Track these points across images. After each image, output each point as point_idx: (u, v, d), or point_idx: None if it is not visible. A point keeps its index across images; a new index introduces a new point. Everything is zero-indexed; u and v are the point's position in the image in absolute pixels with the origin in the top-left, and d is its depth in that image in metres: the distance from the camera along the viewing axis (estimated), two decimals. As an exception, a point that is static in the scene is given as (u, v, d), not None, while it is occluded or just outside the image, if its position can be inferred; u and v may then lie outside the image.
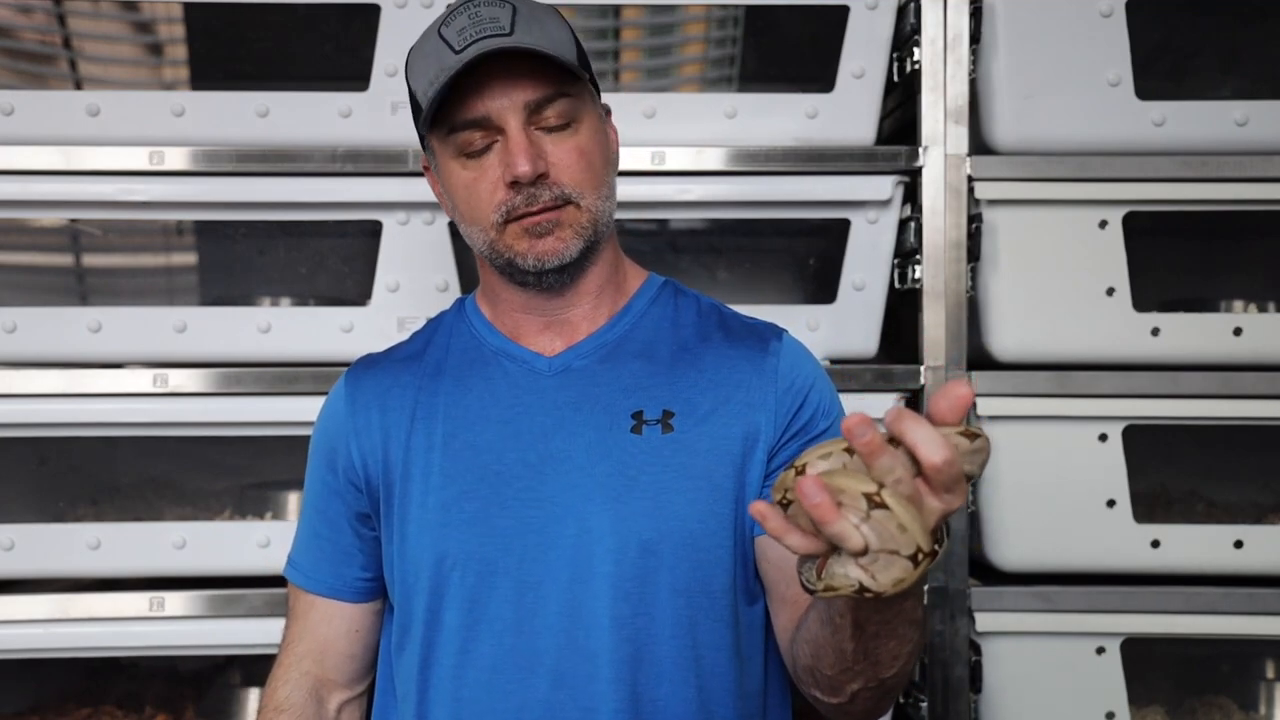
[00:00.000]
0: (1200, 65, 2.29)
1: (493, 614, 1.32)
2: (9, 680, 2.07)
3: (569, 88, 1.33)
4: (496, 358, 1.41)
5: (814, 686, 1.26)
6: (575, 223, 1.34)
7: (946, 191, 1.98)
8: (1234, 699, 2.12)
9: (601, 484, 1.31)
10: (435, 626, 1.34)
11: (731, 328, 1.44)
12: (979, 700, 1.98)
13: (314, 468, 1.48)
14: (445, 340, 1.46)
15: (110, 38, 2.24)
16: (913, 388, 1.99)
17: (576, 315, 1.41)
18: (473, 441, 1.36)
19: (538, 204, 1.32)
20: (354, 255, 2.14)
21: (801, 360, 1.42)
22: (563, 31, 1.35)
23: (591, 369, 1.39)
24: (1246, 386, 1.97)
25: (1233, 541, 1.98)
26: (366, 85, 1.99)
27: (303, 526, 1.50)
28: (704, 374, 1.38)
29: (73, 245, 2.22)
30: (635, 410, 1.35)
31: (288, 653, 1.49)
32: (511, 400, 1.38)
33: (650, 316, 1.44)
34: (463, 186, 1.35)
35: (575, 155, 1.33)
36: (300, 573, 1.49)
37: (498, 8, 1.31)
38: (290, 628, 1.50)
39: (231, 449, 2.11)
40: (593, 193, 1.34)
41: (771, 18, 2.17)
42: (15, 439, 2.00)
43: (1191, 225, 2.20)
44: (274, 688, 1.46)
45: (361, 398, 1.43)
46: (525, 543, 1.32)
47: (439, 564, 1.33)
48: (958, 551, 1.98)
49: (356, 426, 1.41)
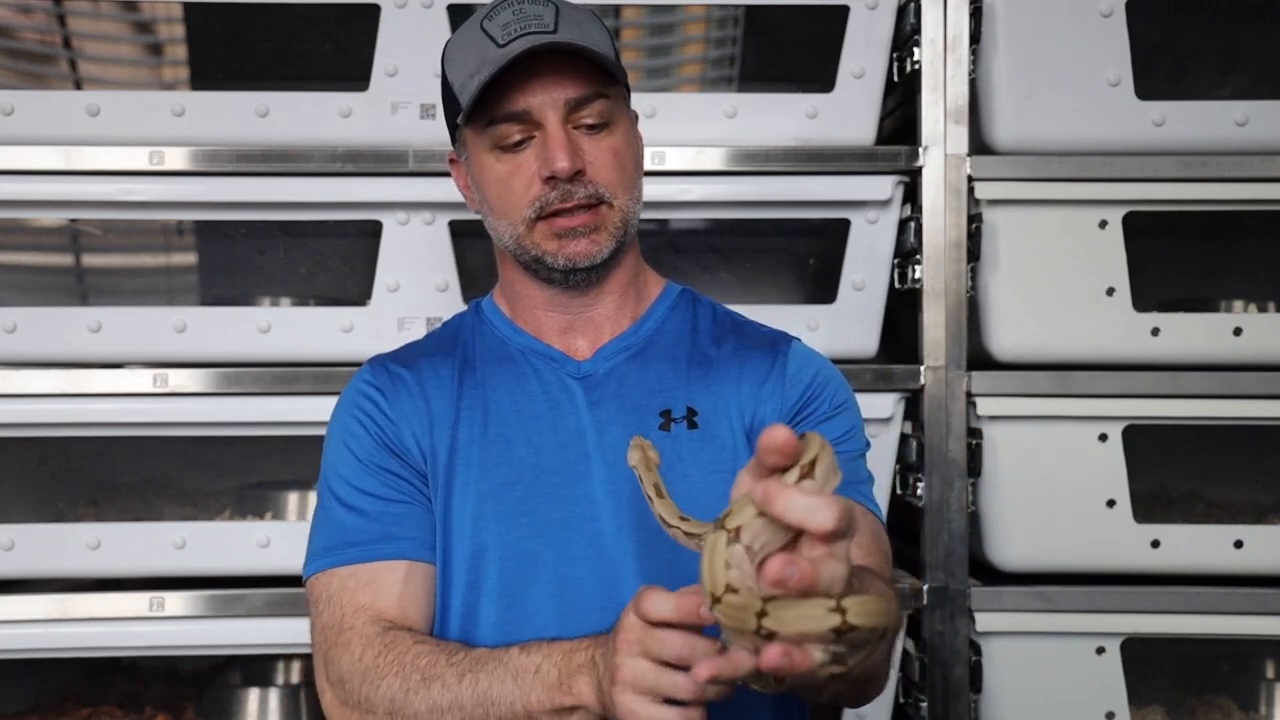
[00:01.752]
0: (1200, 65, 2.28)
1: (533, 609, 1.33)
2: (9, 680, 2.07)
3: (608, 89, 1.34)
4: (525, 356, 1.42)
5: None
6: (609, 224, 1.35)
7: (946, 191, 1.98)
8: (1234, 699, 2.11)
9: (634, 480, 1.32)
10: (472, 620, 1.35)
11: (746, 333, 1.46)
12: (979, 700, 1.98)
13: (354, 452, 1.38)
14: (470, 338, 1.46)
15: (110, 38, 2.24)
16: (913, 388, 1.99)
17: (600, 315, 1.43)
18: (507, 436, 1.37)
19: (572, 200, 1.33)
20: (354, 255, 2.14)
21: (811, 359, 1.45)
22: (602, 34, 1.36)
23: (620, 370, 1.41)
24: (1246, 386, 1.97)
25: (1233, 541, 1.98)
26: (366, 85, 1.99)
27: (341, 515, 1.37)
28: (719, 370, 1.41)
29: (73, 245, 2.22)
30: (663, 409, 1.38)
31: (355, 630, 1.30)
32: (543, 398, 1.39)
33: (672, 321, 1.46)
34: (496, 180, 1.35)
35: (611, 155, 1.34)
36: (364, 548, 1.34)
37: (541, 6, 1.32)
38: (344, 608, 1.32)
39: (231, 449, 2.11)
40: (625, 193, 1.36)
41: (771, 18, 2.17)
42: (15, 439, 2.00)
43: (1191, 225, 2.20)
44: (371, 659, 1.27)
45: (401, 386, 1.40)
46: (565, 538, 1.33)
47: (477, 556, 1.34)
48: (958, 551, 1.99)
49: (404, 412, 1.38)
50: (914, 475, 2.01)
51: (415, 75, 1.98)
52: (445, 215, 1.98)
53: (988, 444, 1.98)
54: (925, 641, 1.99)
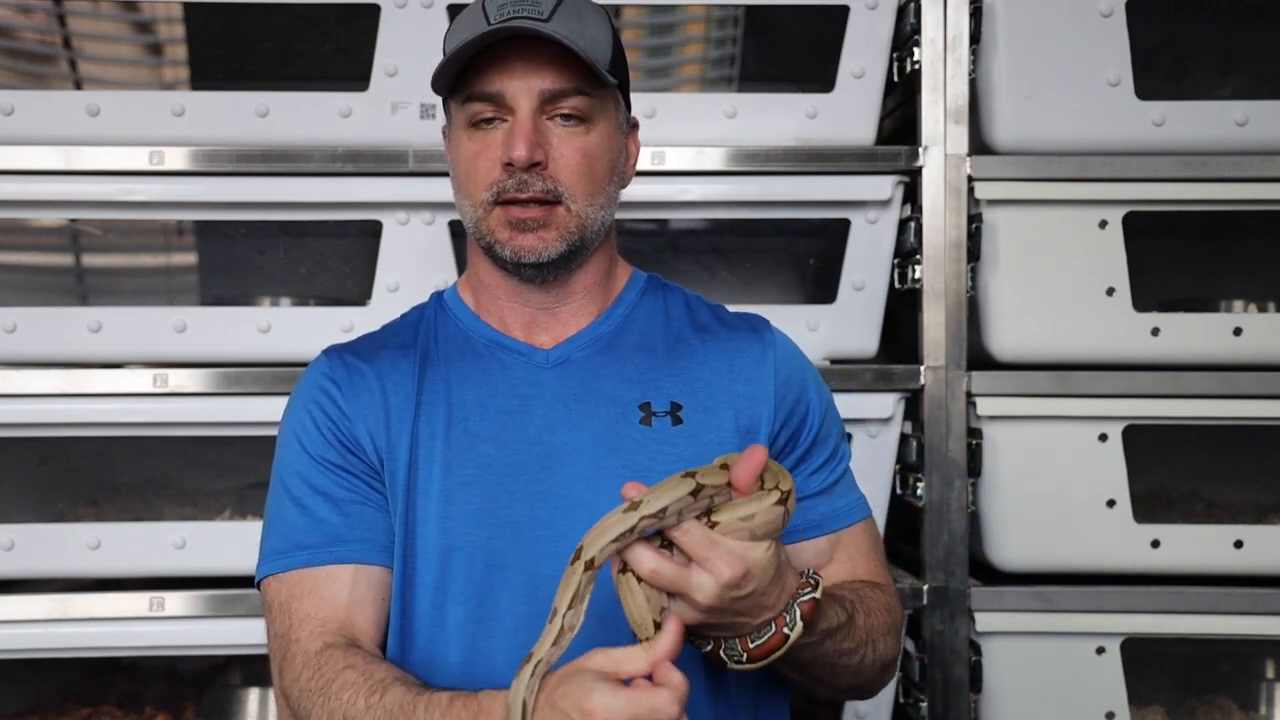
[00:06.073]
0: (1200, 65, 2.29)
1: (503, 610, 1.31)
2: (9, 680, 2.07)
3: (593, 88, 1.33)
4: (490, 349, 1.40)
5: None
6: (562, 225, 1.33)
7: (946, 191, 1.98)
8: (1234, 699, 2.11)
9: (614, 477, 1.30)
10: (440, 622, 1.32)
11: (724, 319, 1.44)
12: (979, 700, 1.98)
13: (306, 448, 1.36)
14: (431, 331, 1.43)
15: (110, 38, 2.24)
16: (913, 388, 1.99)
17: (565, 312, 1.40)
18: (474, 431, 1.34)
19: (527, 191, 1.31)
20: (354, 255, 2.14)
21: (793, 353, 1.44)
22: (603, 33, 1.34)
23: (592, 361, 1.38)
24: (1246, 386, 1.97)
25: (1233, 541, 1.98)
26: (366, 85, 1.99)
27: (291, 513, 1.35)
28: (705, 365, 1.38)
29: (73, 245, 2.22)
30: (643, 402, 1.35)
31: (300, 643, 1.28)
32: (510, 392, 1.36)
33: (642, 308, 1.43)
34: (465, 158, 1.35)
35: (579, 155, 1.33)
36: (312, 552, 1.32)
37: None
38: (292, 617, 1.31)
39: (231, 449, 2.11)
40: (585, 198, 1.33)
41: (771, 18, 2.17)
42: (15, 439, 2.00)
43: (1191, 225, 2.20)
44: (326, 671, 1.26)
45: (358, 379, 1.38)
46: (535, 536, 1.31)
47: (445, 558, 1.32)
48: (958, 551, 1.99)
49: (359, 407, 1.36)
50: (914, 475, 2.01)
51: (415, 75, 1.97)
52: (445, 215, 1.98)
53: (988, 444, 1.98)
54: (925, 641, 1.99)
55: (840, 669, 1.29)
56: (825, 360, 2.01)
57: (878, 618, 1.33)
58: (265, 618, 1.35)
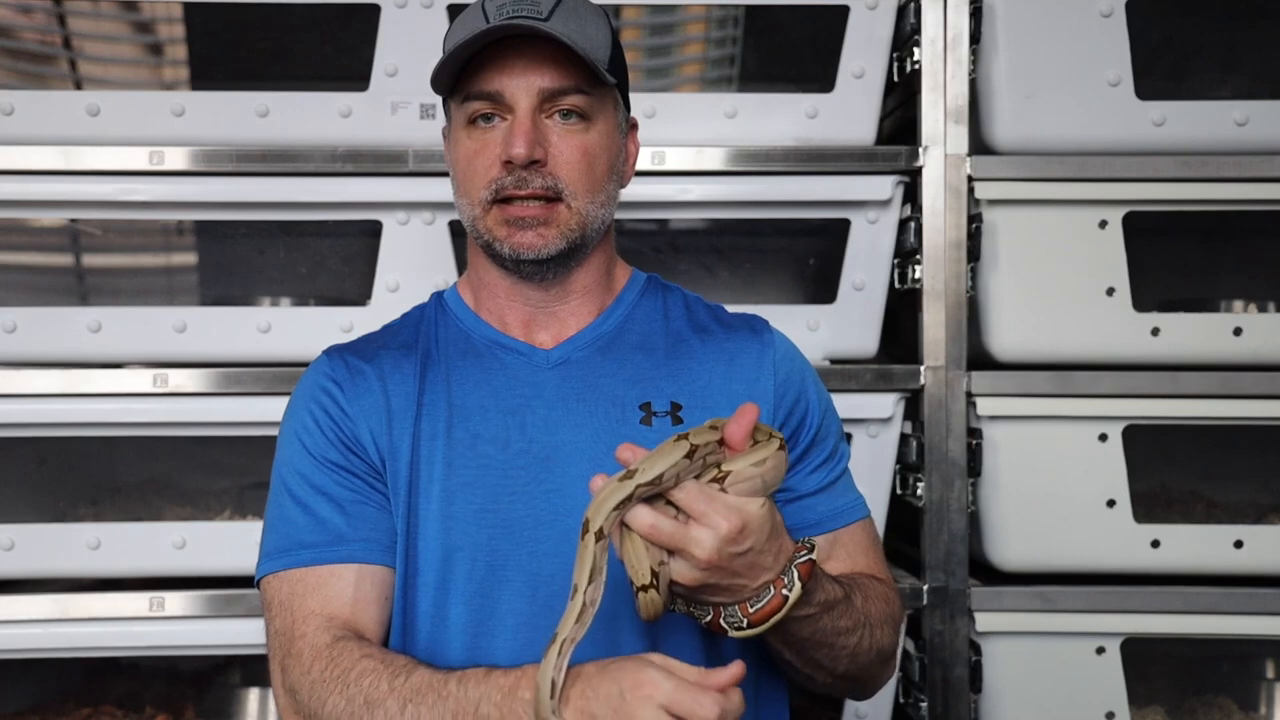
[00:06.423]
0: (1200, 65, 2.29)
1: (505, 609, 1.31)
2: (9, 680, 2.07)
3: (592, 87, 1.33)
4: (490, 349, 1.40)
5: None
6: (562, 222, 1.33)
7: (946, 191, 1.98)
8: (1234, 699, 2.12)
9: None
10: (441, 621, 1.32)
11: (723, 319, 1.45)
12: (979, 700, 1.98)
13: (308, 448, 1.36)
14: (432, 331, 1.43)
15: (110, 38, 2.25)
16: (913, 388, 1.99)
17: (564, 311, 1.40)
18: (475, 431, 1.35)
19: (526, 189, 1.31)
20: (354, 255, 2.14)
21: (792, 353, 1.44)
22: (602, 33, 1.34)
23: (592, 361, 1.38)
24: (1246, 386, 1.97)
25: (1233, 541, 1.98)
26: (366, 85, 1.99)
27: (293, 513, 1.35)
28: (705, 365, 1.39)
29: (73, 245, 2.22)
30: (643, 402, 1.35)
31: (306, 638, 1.28)
32: (511, 392, 1.37)
33: (642, 309, 1.44)
34: (464, 156, 1.35)
35: (578, 153, 1.33)
36: (315, 550, 1.32)
37: None
38: (295, 614, 1.31)
39: (231, 449, 2.11)
40: (585, 195, 1.34)
41: (771, 18, 2.17)
42: (15, 439, 2.00)
43: (1191, 225, 2.20)
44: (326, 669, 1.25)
45: (360, 380, 1.38)
46: (536, 535, 1.31)
47: (447, 557, 1.32)
48: (958, 551, 1.99)
49: (362, 408, 1.36)
50: (914, 475, 2.01)
51: (415, 75, 1.97)
52: (445, 215, 1.98)
53: (988, 444, 1.98)
54: (925, 641, 1.99)
55: (838, 650, 1.29)
56: (825, 360, 2.01)
57: (876, 605, 1.33)
58: (265, 616, 1.35)
